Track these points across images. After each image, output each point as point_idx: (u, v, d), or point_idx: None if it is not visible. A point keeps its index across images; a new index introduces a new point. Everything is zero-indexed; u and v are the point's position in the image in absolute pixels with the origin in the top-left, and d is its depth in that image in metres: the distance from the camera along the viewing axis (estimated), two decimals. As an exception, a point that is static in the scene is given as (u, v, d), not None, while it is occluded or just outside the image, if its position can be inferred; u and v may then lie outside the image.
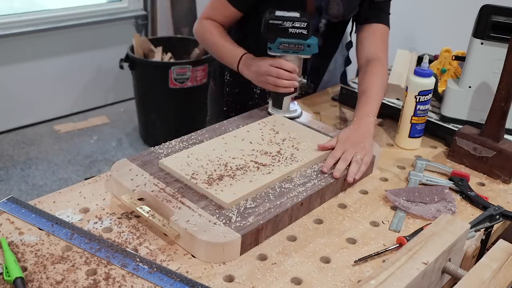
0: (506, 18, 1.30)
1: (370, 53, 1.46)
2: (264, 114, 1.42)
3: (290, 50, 1.33)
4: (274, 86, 1.35)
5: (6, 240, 0.95)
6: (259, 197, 1.06)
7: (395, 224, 1.08)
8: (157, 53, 3.23)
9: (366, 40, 1.48)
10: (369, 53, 1.47)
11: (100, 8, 3.53)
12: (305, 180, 1.13)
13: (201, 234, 0.94)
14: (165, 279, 0.89)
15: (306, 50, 1.33)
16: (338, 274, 0.94)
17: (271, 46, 1.33)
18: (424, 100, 1.33)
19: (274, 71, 1.33)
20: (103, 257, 0.93)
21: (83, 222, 1.02)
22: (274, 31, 1.30)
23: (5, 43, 3.12)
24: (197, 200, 1.04)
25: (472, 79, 1.38)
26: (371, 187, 1.22)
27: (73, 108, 3.58)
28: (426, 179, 1.24)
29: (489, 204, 1.15)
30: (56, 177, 2.91)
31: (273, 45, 1.32)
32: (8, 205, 1.04)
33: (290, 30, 1.29)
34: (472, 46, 1.35)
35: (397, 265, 0.81)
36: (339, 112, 1.59)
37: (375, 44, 1.47)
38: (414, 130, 1.37)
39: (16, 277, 0.84)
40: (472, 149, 1.32)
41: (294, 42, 1.32)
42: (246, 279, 0.91)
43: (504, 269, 0.84)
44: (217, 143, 1.23)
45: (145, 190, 1.06)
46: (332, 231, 1.06)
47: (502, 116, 1.27)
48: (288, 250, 0.99)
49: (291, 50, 1.33)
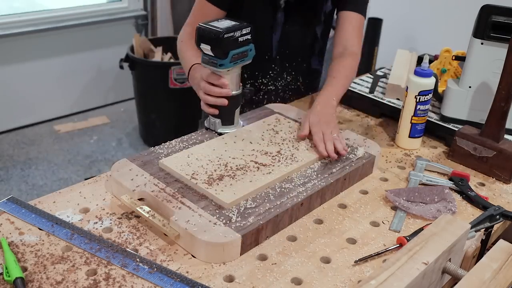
0: (506, 18, 1.30)
1: (348, 44, 1.50)
2: (264, 114, 1.42)
3: (238, 60, 1.23)
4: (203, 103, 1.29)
5: (6, 240, 0.95)
6: (259, 197, 1.06)
7: (395, 224, 1.08)
8: (157, 53, 3.23)
9: (343, 28, 1.51)
10: (347, 44, 1.50)
11: (100, 8, 3.53)
12: (305, 180, 1.13)
13: (201, 234, 0.94)
14: (165, 279, 0.89)
15: (250, 54, 1.26)
16: (338, 274, 0.94)
17: (224, 63, 1.20)
18: (424, 100, 1.33)
19: (202, 86, 1.27)
20: (103, 257, 0.93)
21: (83, 222, 1.02)
22: (228, 45, 1.19)
23: (5, 43, 3.12)
24: (197, 200, 1.04)
25: (472, 79, 1.38)
26: (371, 187, 1.22)
27: (73, 108, 3.58)
28: (426, 179, 1.24)
29: (489, 204, 1.15)
30: (56, 177, 2.91)
31: (226, 60, 1.20)
32: (8, 205, 1.04)
33: (239, 39, 1.21)
34: (472, 46, 1.35)
35: (398, 265, 0.81)
36: (339, 112, 1.59)
37: (352, 35, 1.51)
38: (414, 130, 1.37)
39: (16, 277, 0.84)
40: (472, 149, 1.32)
41: (242, 51, 1.22)
42: (246, 279, 0.91)
43: (504, 269, 0.84)
44: (217, 143, 1.23)
45: (145, 190, 1.06)
46: (332, 231, 1.06)
47: (502, 116, 1.27)
48: (288, 250, 0.99)
49: (239, 59, 1.23)
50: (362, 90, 1.61)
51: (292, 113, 1.43)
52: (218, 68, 1.22)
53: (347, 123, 1.53)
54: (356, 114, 1.59)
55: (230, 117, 1.30)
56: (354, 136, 1.33)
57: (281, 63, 1.59)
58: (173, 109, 3.16)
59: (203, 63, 1.24)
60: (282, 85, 1.63)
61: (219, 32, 1.17)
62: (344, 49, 1.50)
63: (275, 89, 1.62)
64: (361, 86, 1.65)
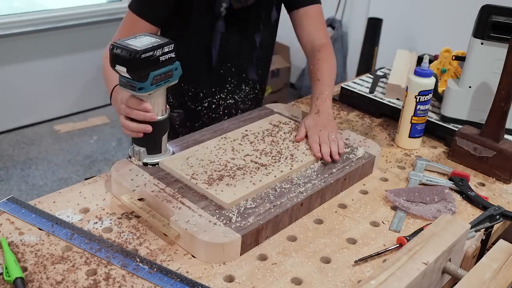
0: (506, 18, 1.30)
1: (314, 39, 1.47)
2: (264, 114, 1.42)
3: (161, 81, 1.07)
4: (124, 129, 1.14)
5: (6, 240, 0.95)
6: (259, 197, 1.06)
7: (395, 224, 1.08)
8: (157, 53, 3.23)
9: (305, 25, 1.47)
10: (313, 39, 1.48)
11: (100, 8, 3.53)
12: (305, 180, 1.13)
13: (201, 234, 0.94)
14: (165, 279, 0.89)
15: (175, 74, 1.10)
16: (338, 274, 0.94)
17: (144, 86, 1.05)
18: (424, 100, 1.33)
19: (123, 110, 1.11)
20: (103, 257, 0.93)
21: (83, 222, 1.02)
22: (147, 66, 1.03)
23: (5, 43, 3.12)
24: (197, 200, 1.04)
25: (472, 79, 1.38)
26: (371, 187, 1.22)
27: (73, 108, 3.58)
28: (426, 179, 1.24)
29: (489, 204, 1.15)
30: (56, 177, 2.91)
31: (146, 83, 1.05)
32: (8, 205, 1.04)
33: (161, 58, 1.05)
34: (472, 46, 1.35)
35: (398, 265, 0.81)
36: (339, 112, 1.59)
37: (316, 28, 1.47)
38: (414, 130, 1.37)
39: (16, 277, 0.84)
40: (472, 149, 1.32)
41: (165, 71, 1.07)
42: (246, 279, 0.91)
43: (504, 269, 0.84)
44: (217, 143, 1.23)
45: (145, 190, 1.06)
46: (332, 231, 1.05)
47: (502, 116, 1.27)
48: (288, 250, 0.99)
49: (162, 81, 1.07)
50: (362, 90, 1.61)
51: (292, 113, 1.43)
52: (138, 92, 1.06)
53: (347, 123, 1.53)
54: (356, 114, 1.59)
55: (156, 145, 1.14)
56: (354, 136, 1.33)
57: (223, 74, 1.49)
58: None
59: (121, 86, 1.08)
60: (241, 96, 1.56)
61: (135, 51, 1.01)
62: (312, 45, 1.47)
63: (235, 102, 1.55)
64: (361, 86, 1.65)
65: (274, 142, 1.26)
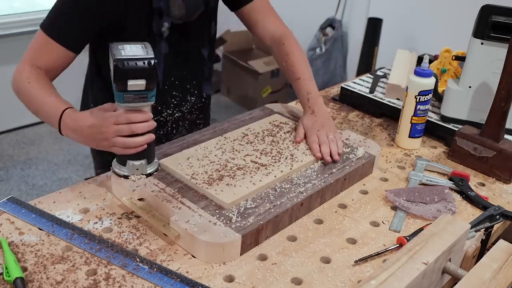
0: (506, 18, 1.30)
1: (271, 31, 1.42)
2: (264, 114, 1.42)
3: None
4: (124, 149, 1.04)
5: (6, 240, 0.95)
6: (259, 197, 1.06)
7: (395, 224, 1.08)
8: (157, 53, 3.23)
9: (257, 20, 1.40)
10: (271, 32, 1.42)
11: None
12: (305, 180, 1.13)
13: (201, 234, 0.94)
14: (165, 279, 0.89)
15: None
16: (338, 274, 0.94)
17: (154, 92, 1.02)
18: (424, 100, 1.33)
19: (125, 129, 1.02)
20: (103, 257, 0.93)
21: (83, 222, 1.02)
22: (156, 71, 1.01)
23: (5, 43, 3.12)
24: (197, 200, 1.04)
25: (472, 79, 1.38)
26: (371, 187, 1.22)
27: (74, 108, 3.58)
28: (426, 179, 1.24)
29: (489, 204, 1.15)
30: (56, 177, 2.91)
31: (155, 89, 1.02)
32: (8, 205, 1.04)
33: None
34: (472, 46, 1.35)
35: (398, 265, 0.81)
36: (339, 112, 1.59)
37: (269, 20, 1.42)
38: (414, 130, 1.37)
39: (16, 277, 0.84)
40: (472, 149, 1.32)
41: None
42: (246, 279, 0.91)
43: (504, 269, 0.84)
44: (217, 143, 1.23)
45: (145, 190, 1.06)
46: (332, 231, 1.05)
47: (502, 116, 1.27)
48: (288, 250, 0.99)
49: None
50: (362, 90, 1.61)
51: (292, 113, 1.43)
52: (147, 102, 1.02)
53: (347, 123, 1.53)
54: (356, 114, 1.59)
55: (152, 152, 1.11)
56: (354, 136, 1.33)
57: (168, 91, 1.38)
58: (173, 109, 3.16)
59: (124, 103, 1.00)
60: (188, 107, 1.45)
61: (150, 59, 0.98)
62: (272, 38, 1.42)
63: (182, 114, 1.45)
64: (361, 86, 1.65)
65: (274, 142, 1.26)
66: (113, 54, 0.99)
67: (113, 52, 0.99)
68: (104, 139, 1.03)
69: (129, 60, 0.97)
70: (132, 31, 1.23)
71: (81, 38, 1.19)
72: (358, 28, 3.46)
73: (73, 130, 1.07)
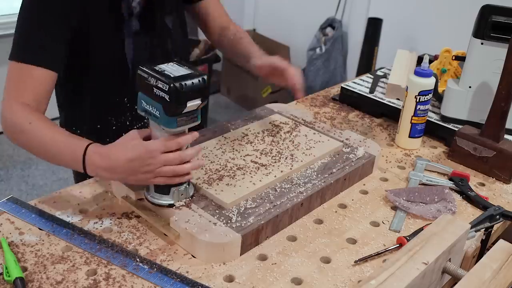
0: (506, 18, 1.30)
1: (220, 24, 1.41)
2: (264, 114, 1.42)
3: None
4: (170, 179, 0.97)
5: (6, 240, 0.95)
6: (259, 197, 1.06)
7: (395, 224, 1.08)
8: (157, 53, 3.23)
9: (207, 14, 1.38)
10: (220, 25, 1.41)
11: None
12: (305, 180, 1.13)
13: (201, 234, 0.94)
14: (165, 279, 0.89)
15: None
16: (338, 274, 0.94)
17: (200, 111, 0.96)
18: (424, 100, 1.33)
19: (175, 158, 0.95)
20: (103, 257, 0.93)
21: (83, 222, 1.02)
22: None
23: (5, 43, 3.11)
24: (197, 200, 1.04)
25: (472, 79, 1.38)
26: (371, 187, 1.22)
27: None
28: (426, 179, 1.24)
29: (489, 204, 1.15)
30: (56, 177, 2.91)
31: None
32: (8, 205, 1.04)
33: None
34: (472, 46, 1.35)
35: (397, 265, 0.81)
36: (339, 112, 1.59)
37: (218, 15, 1.40)
38: (414, 130, 1.37)
39: (16, 277, 0.84)
40: (472, 149, 1.32)
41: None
42: (246, 279, 0.91)
43: (504, 269, 0.84)
44: (217, 143, 1.23)
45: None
46: (332, 231, 1.05)
47: (502, 116, 1.27)
48: (288, 250, 0.99)
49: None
50: (362, 90, 1.61)
51: (292, 113, 1.43)
52: (197, 121, 0.96)
53: (347, 123, 1.53)
54: (356, 114, 1.59)
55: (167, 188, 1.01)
56: (354, 136, 1.33)
57: None
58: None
59: (178, 127, 0.93)
60: None
61: (204, 77, 0.92)
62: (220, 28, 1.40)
63: None
64: (361, 86, 1.65)
65: (274, 142, 1.26)
66: (161, 77, 0.89)
67: (159, 75, 0.90)
68: (148, 172, 0.94)
69: (186, 80, 0.89)
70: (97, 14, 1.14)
71: (57, 51, 1.10)
72: (358, 28, 3.46)
73: (106, 169, 0.96)
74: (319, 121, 1.43)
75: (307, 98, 1.68)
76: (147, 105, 0.94)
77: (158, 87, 0.90)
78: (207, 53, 3.18)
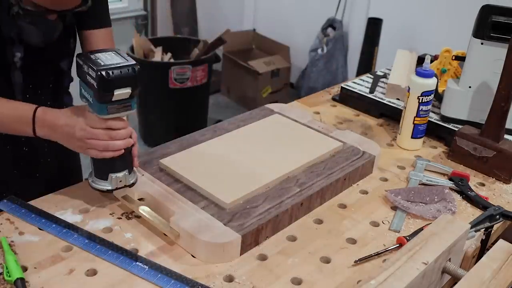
0: (506, 18, 1.30)
1: None
2: (264, 114, 1.42)
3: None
4: (102, 152, 1.00)
5: (6, 240, 0.95)
6: (259, 197, 1.06)
7: (395, 224, 1.08)
8: (157, 53, 3.23)
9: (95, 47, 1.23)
10: None
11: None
12: (305, 180, 1.13)
13: (201, 234, 0.94)
14: (165, 279, 0.89)
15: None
16: (338, 274, 0.94)
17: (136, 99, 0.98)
18: (427, 100, 1.33)
19: (102, 134, 0.99)
20: (103, 257, 0.93)
21: (83, 222, 1.02)
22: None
23: (5, 43, 3.11)
24: (197, 201, 1.04)
25: (472, 79, 1.38)
26: (371, 187, 1.22)
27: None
28: (426, 179, 1.24)
29: (489, 204, 1.15)
30: (56, 177, 2.90)
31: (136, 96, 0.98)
32: (8, 205, 1.04)
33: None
34: (472, 46, 1.35)
35: (397, 265, 0.81)
36: (339, 112, 1.59)
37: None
38: (417, 130, 1.37)
39: (17, 277, 0.84)
40: (472, 149, 1.32)
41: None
42: (246, 279, 0.91)
43: (504, 269, 0.84)
44: (217, 143, 1.23)
45: (145, 190, 1.06)
46: (332, 231, 1.06)
47: (502, 116, 1.27)
48: (288, 250, 0.99)
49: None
50: (362, 90, 1.61)
51: (292, 113, 1.43)
52: (131, 110, 0.98)
53: (347, 123, 1.53)
54: (356, 114, 1.59)
55: (131, 161, 1.05)
56: (354, 136, 1.33)
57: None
58: (173, 109, 3.16)
59: (108, 115, 0.96)
60: None
61: (133, 65, 0.94)
62: None
63: None
64: (361, 86, 1.65)
65: (274, 142, 1.26)
66: (92, 64, 0.92)
67: (91, 62, 0.92)
68: (80, 140, 1.00)
69: (114, 69, 0.92)
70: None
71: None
72: (358, 28, 3.46)
73: (49, 127, 1.02)
74: (319, 121, 1.43)
75: (308, 98, 1.68)
76: (84, 91, 0.98)
77: (90, 74, 0.93)
78: (207, 53, 3.18)
